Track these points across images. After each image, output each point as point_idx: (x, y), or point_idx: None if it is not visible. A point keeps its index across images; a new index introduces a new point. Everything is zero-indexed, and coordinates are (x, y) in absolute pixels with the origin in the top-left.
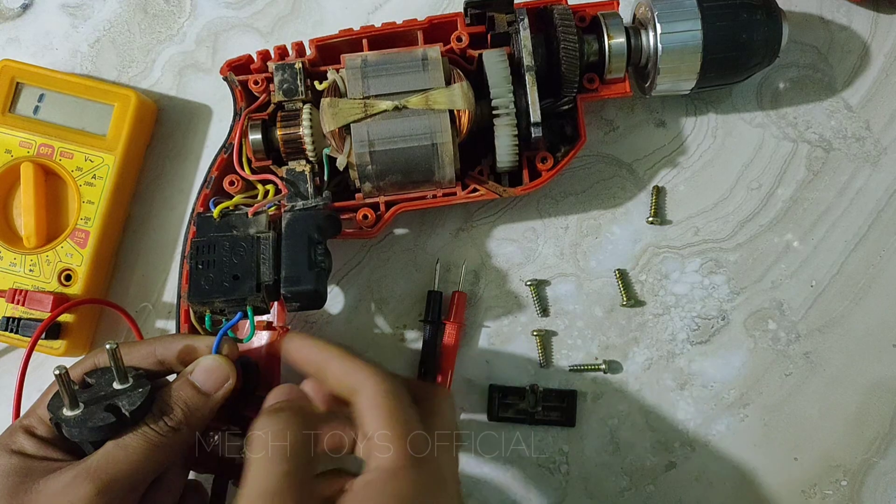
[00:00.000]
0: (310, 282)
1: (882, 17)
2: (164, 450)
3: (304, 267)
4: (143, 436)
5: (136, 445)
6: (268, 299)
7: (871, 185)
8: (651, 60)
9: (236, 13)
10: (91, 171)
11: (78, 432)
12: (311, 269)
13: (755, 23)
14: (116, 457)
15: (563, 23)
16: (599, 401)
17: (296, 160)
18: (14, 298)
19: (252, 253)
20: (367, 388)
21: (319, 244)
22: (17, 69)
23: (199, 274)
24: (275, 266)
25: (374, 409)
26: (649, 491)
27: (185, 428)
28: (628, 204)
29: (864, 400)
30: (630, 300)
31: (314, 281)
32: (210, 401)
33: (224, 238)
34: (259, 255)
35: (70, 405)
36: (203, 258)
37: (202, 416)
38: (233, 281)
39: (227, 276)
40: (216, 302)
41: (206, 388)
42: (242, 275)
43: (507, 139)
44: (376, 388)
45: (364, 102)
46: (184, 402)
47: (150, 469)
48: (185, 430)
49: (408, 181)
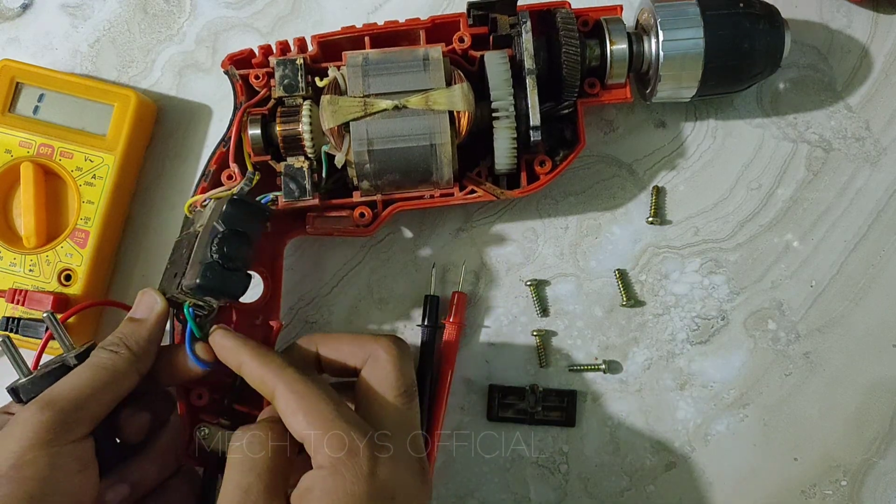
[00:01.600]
0: (195, 276)
1: (882, 18)
2: (109, 373)
3: (199, 261)
4: (89, 364)
5: (83, 372)
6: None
7: (871, 185)
8: (652, 67)
9: (236, 13)
10: (91, 171)
11: (32, 387)
12: (203, 263)
13: (758, 32)
14: (66, 384)
15: (565, 27)
16: (599, 401)
17: (294, 156)
18: (14, 298)
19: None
20: (280, 391)
21: (219, 235)
22: (17, 69)
23: (168, 271)
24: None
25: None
26: (649, 491)
27: (123, 350)
28: (628, 204)
29: (864, 400)
30: (630, 300)
31: (199, 275)
32: (143, 325)
33: (188, 235)
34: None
35: (22, 373)
36: (173, 256)
37: (139, 338)
38: (173, 279)
39: (174, 274)
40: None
41: (137, 315)
42: (179, 272)
43: (506, 142)
44: (287, 391)
45: (364, 101)
46: (119, 330)
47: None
48: (125, 351)
49: (406, 181)
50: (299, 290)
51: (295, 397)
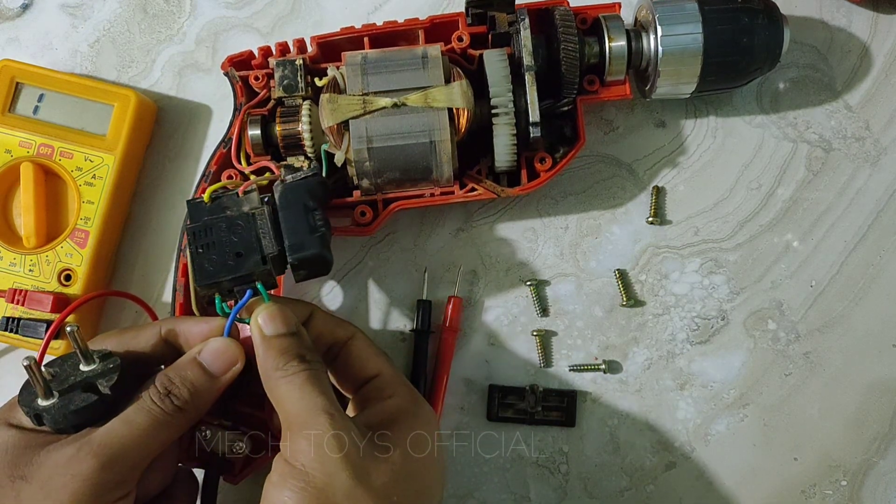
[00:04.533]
0: (315, 246)
1: (882, 17)
2: (167, 428)
3: (305, 233)
4: (148, 412)
5: (141, 422)
6: (275, 272)
7: (871, 185)
8: (651, 63)
9: (236, 13)
10: (91, 171)
11: (62, 418)
12: (313, 234)
13: (757, 27)
14: (120, 432)
15: (564, 24)
16: (599, 401)
17: (294, 156)
18: (14, 298)
19: (250, 229)
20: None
21: (315, 210)
22: (17, 69)
23: (202, 257)
24: (276, 237)
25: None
26: (649, 491)
27: (190, 408)
28: (628, 204)
29: (864, 400)
30: (630, 300)
31: (319, 244)
32: (216, 383)
33: (219, 220)
34: (258, 229)
35: (45, 395)
36: (202, 242)
37: (207, 397)
38: (237, 258)
39: (230, 255)
40: (223, 282)
41: (214, 370)
42: (245, 251)
43: (506, 139)
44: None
45: (363, 99)
46: (191, 381)
47: (153, 447)
48: (191, 410)
49: (406, 179)
50: (299, 291)
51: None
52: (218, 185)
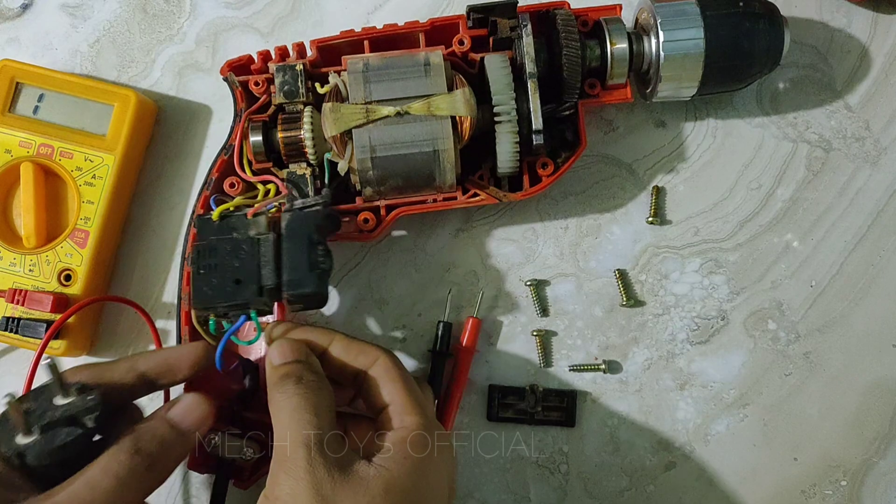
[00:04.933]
0: (311, 284)
1: (882, 17)
2: (133, 490)
3: (304, 269)
4: (113, 476)
5: (106, 486)
6: (270, 302)
7: (871, 185)
8: (653, 67)
9: (236, 13)
10: (91, 171)
11: (46, 456)
12: (313, 271)
13: (758, 32)
14: (83, 498)
15: (565, 28)
16: (599, 401)
17: (297, 163)
18: (14, 298)
19: (253, 255)
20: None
21: (319, 244)
22: (17, 69)
23: (202, 279)
24: (276, 268)
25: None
26: (649, 491)
27: (159, 465)
28: (628, 204)
29: (864, 400)
30: (630, 300)
31: (315, 283)
32: (188, 439)
33: (225, 241)
34: (260, 257)
35: (25, 432)
36: (204, 262)
37: (177, 454)
38: (234, 285)
39: (230, 281)
40: (219, 307)
41: (184, 427)
42: (245, 278)
43: (509, 145)
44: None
45: (366, 107)
46: (159, 439)
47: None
48: (160, 467)
49: (409, 186)
50: None
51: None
52: (230, 205)
